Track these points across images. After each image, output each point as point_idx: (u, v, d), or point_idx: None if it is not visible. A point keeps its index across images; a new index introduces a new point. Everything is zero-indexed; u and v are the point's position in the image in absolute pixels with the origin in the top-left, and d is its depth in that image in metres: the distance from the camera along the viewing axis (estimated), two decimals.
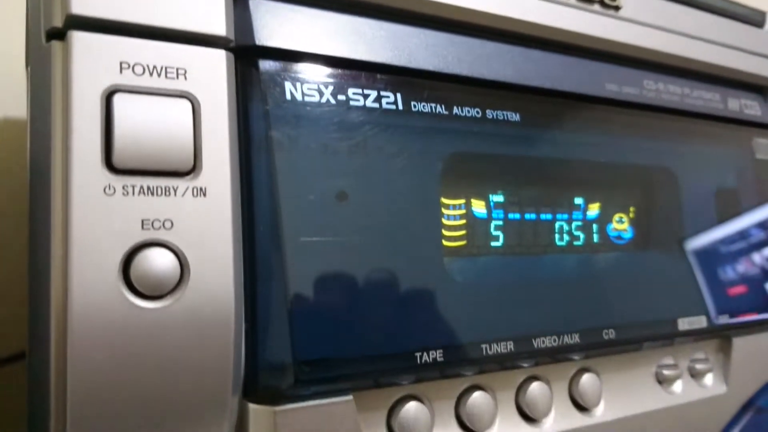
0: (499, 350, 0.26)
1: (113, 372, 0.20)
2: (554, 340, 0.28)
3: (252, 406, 0.22)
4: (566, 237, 0.33)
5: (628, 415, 0.31)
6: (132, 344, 0.20)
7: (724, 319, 0.35)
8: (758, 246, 0.39)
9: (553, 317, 0.28)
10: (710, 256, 0.37)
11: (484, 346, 0.26)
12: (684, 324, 0.33)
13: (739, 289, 0.37)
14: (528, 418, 0.28)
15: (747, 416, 0.35)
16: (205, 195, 0.21)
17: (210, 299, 0.21)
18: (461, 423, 0.27)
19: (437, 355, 0.25)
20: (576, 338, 0.28)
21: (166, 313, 0.20)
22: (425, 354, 0.24)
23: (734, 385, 0.35)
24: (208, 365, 0.21)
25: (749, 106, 0.40)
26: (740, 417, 0.35)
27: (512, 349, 0.26)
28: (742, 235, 0.39)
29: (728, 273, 0.37)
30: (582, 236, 0.34)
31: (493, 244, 0.30)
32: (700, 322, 0.33)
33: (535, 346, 0.27)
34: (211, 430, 0.21)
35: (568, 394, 0.30)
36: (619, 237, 0.36)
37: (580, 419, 0.29)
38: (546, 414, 0.29)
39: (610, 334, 0.30)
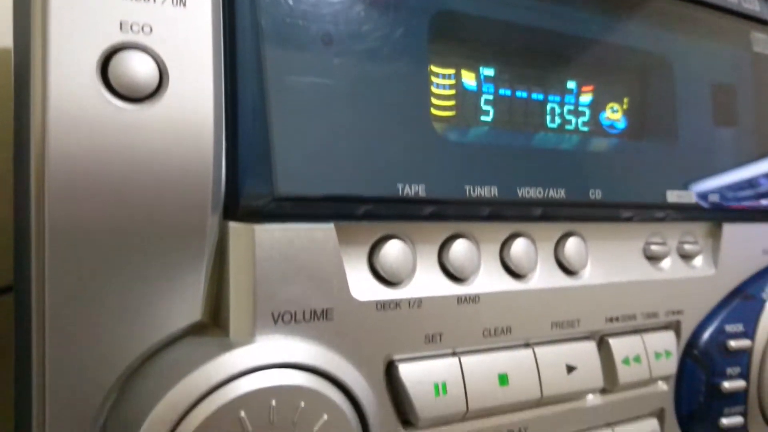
0: (482, 194, 0.26)
1: (92, 175, 0.20)
2: (539, 192, 0.28)
3: (232, 224, 0.22)
4: (558, 119, 0.33)
5: (614, 281, 0.31)
6: (110, 144, 0.20)
7: (714, 199, 0.34)
8: (753, 139, 0.38)
9: (540, 173, 0.28)
10: (704, 148, 0.37)
11: (467, 187, 0.26)
12: (673, 196, 0.32)
13: (731, 180, 0.37)
14: (513, 273, 0.28)
15: (735, 301, 0.35)
16: (185, 6, 0.21)
17: (188, 109, 0.21)
18: (445, 270, 0.27)
19: (419, 189, 0.25)
20: (561, 193, 0.28)
21: (145, 117, 0.20)
22: (407, 186, 0.24)
23: (724, 269, 0.35)
24: (188, 179, 0.21)
25: (748, 1, 0.40)
26: (729, 301, 0.35)
27: (496, 194, 0.26)
28: (738, 127, 0.38)
29: (722, 164, 0.37)
30: (574, 120, 0.34)
31: (483, 118, 0.30)
32: (689, 197, 0.33)
33: (520, 195, 0.27)
34: (191, 246, 0.22)
35: (553, 256, 0.30)
36: (612, 126, 0.36)
37: (565, 279, 0.29)
38: (531, 270, 0.29)
39: (596, 194, 0.29)
